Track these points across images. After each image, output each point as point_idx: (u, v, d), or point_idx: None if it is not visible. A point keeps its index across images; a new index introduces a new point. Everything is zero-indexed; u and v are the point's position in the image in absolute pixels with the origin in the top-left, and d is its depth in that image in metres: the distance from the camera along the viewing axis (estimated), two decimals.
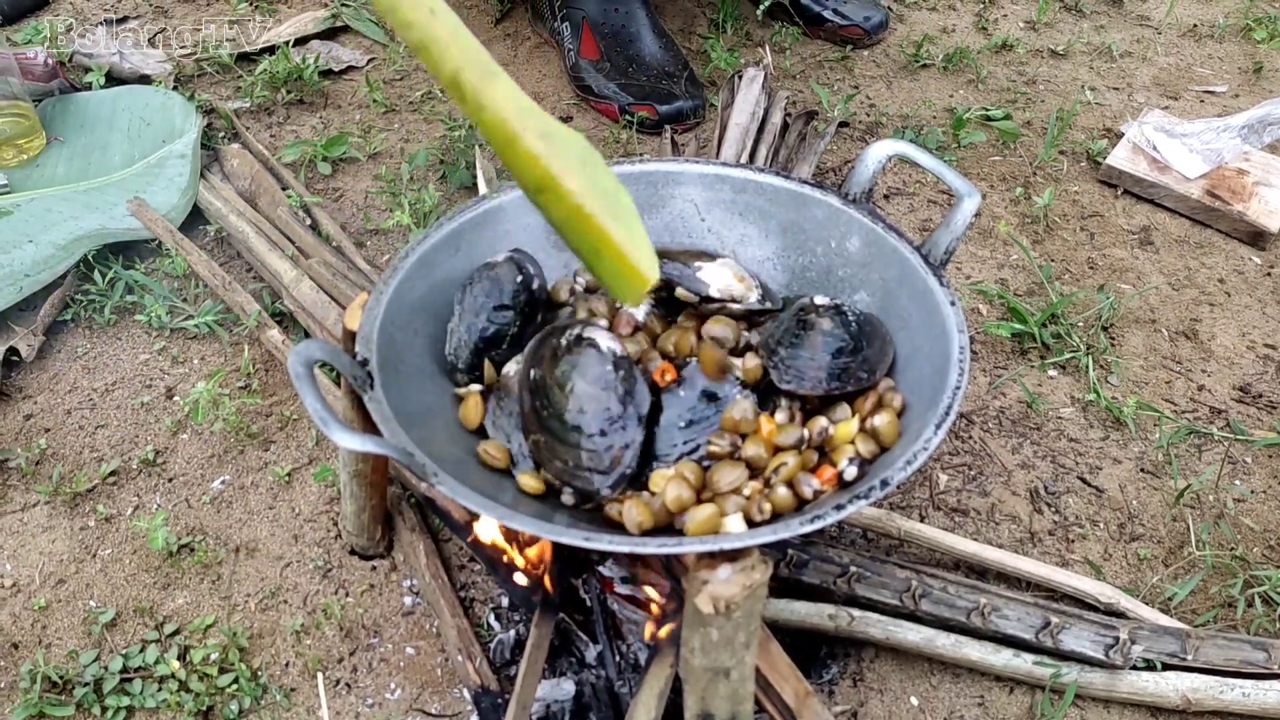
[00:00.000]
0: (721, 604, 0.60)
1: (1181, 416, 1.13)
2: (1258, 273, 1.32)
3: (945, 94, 1.61)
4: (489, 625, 0.94)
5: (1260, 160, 1.41)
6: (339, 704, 0.89)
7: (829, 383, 0.73)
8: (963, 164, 1.47)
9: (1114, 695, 0.88)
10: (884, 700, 0.90)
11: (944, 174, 0.81)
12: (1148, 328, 1.24)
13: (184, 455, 1.07)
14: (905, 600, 0.90)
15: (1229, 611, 0.95)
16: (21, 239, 1.24)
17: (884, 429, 0.71)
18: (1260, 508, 1.05)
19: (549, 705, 0.85)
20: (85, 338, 1.19)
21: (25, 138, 1.37)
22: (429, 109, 1.54)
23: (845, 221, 0.85)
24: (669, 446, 0.75)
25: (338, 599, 0.96)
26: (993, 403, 1.14)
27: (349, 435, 0.60)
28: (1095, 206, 1.41)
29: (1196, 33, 1.78)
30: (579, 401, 0.70)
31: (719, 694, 0.66)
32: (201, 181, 1.34)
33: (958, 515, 1.03)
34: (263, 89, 1.53)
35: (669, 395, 0.77)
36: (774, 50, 1.68)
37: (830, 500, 0.67)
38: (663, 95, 1.48)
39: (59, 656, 0.91)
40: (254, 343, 1.17)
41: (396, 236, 1.32)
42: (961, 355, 0.72)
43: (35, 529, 1.00)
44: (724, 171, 0.90)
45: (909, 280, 0.80)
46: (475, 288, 0.81)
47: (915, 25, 1.78)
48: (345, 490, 0.92)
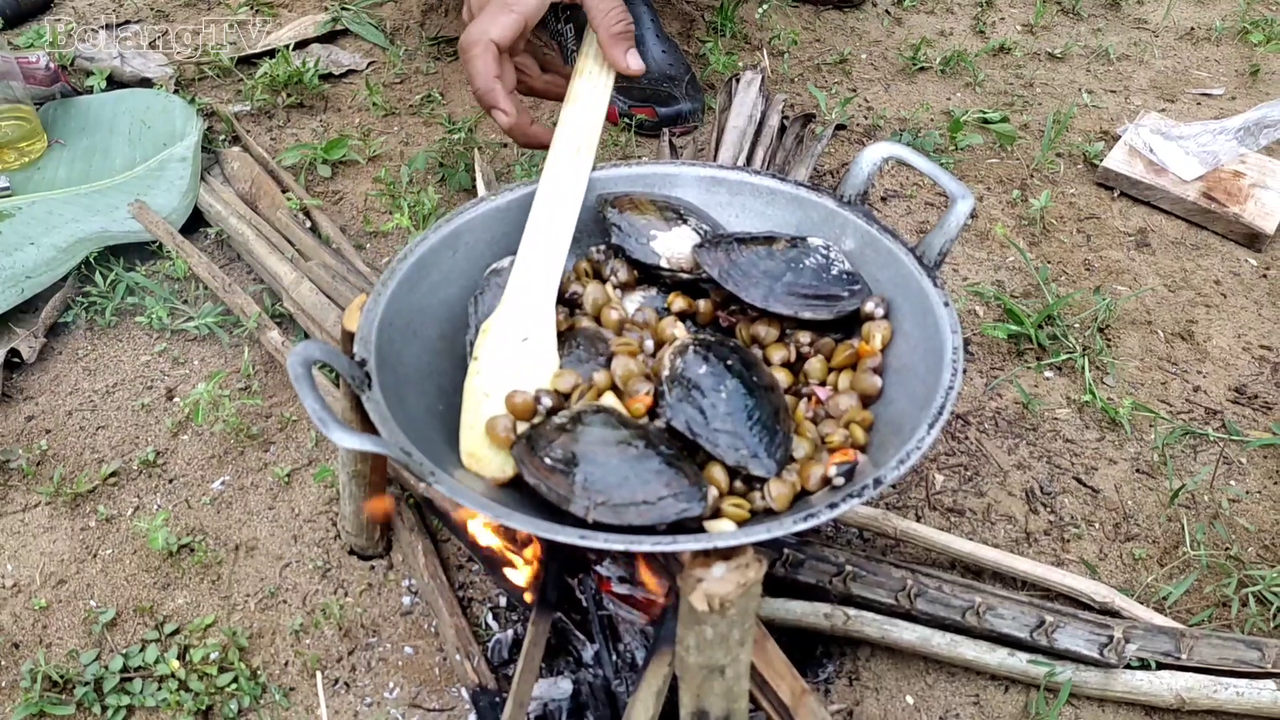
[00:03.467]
0: (716, 601, 0.60)
1: (1177, 417, 1.14)
2: (1253, 274, 1.33)
3: (943, 97, 1.61)
4: (487, 625, 0.94)
5: (1256, 162, 1.42)
6: (338, 703, 0.89)
7: (777, 297, 0.79)
8: (960, 167, 1.47)
9: (1108, 694, 0.89)
10: (879, 699, 0.90)
11: (938, 176, 0.81)
12: (1144, 329, 1.24)
13: (184, 456, 1.08)
14: (901, 599, 0.90)
15: (1223, 611, 0.96)
16: (23, 241, 1.24)
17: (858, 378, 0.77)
18: (1255, 508, 1.05)
19: (546, 704, 0.85)
20: (86, 339, 1.20)
21: (27, 140, 1.38)
22: (428, 112, 1.54)
23: (840, 223, 0.86)
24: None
25: (337, 599, 0.96)
26: (989, 404, 1.15)
27: (347, 435, 0.60)
28: (1092, 209, 1.41)
29: (1193, 35, 1.79)
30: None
31: (714, 691, 0.67)
32: (202, 184, 1.34)
33: (953, 515, 1.04)
34: (263, 92, 1.54)
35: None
36: (772, 54, 1.68)
37: (824, 499, 0.68)
38: (663, 98, 1.49)
39: (59, 656, 0.92)
40: (254, 344, 1.18)
41: (396, 239, 1.32)
42: (955, 355, 0.72)
43: (36, 529, 1.01)
44: (720, 174, 0.90)
45: (903, 281, 0.80)
46: (486, 295, 0.82)
47: (913, 28, 1.78)
48: (344, 491, 0.92)
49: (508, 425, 0.73)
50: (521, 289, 0.80)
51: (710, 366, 0.72)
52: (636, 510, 0.65)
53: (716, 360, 0.72)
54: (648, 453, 0.67)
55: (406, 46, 1.69)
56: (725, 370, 0.72)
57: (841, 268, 0.82)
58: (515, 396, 0.74)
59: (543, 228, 0.83)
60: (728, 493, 0.70)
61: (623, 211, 0.85)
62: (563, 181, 0.85)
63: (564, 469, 0.67)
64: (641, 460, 0.67)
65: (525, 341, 0.78)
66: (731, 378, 0.71)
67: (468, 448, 0.74)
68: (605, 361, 0.77)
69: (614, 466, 0.66)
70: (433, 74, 1.63)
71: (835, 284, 0.81)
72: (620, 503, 0.65)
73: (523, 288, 0.80)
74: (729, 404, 0.70)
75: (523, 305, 0.79)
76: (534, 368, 0.77)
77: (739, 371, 0.72)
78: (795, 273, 0.80)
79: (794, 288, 0.80)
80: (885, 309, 0.80)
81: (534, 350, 0.78)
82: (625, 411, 0.72)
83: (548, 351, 0.78)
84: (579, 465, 0.67)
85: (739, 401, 0.70)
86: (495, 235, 0.86)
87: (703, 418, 0.70)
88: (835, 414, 0.76)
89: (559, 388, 0.75)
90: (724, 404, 0.70)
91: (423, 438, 0.70)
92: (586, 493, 0.66)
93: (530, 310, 0.79)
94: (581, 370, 0.77)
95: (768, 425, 0.71)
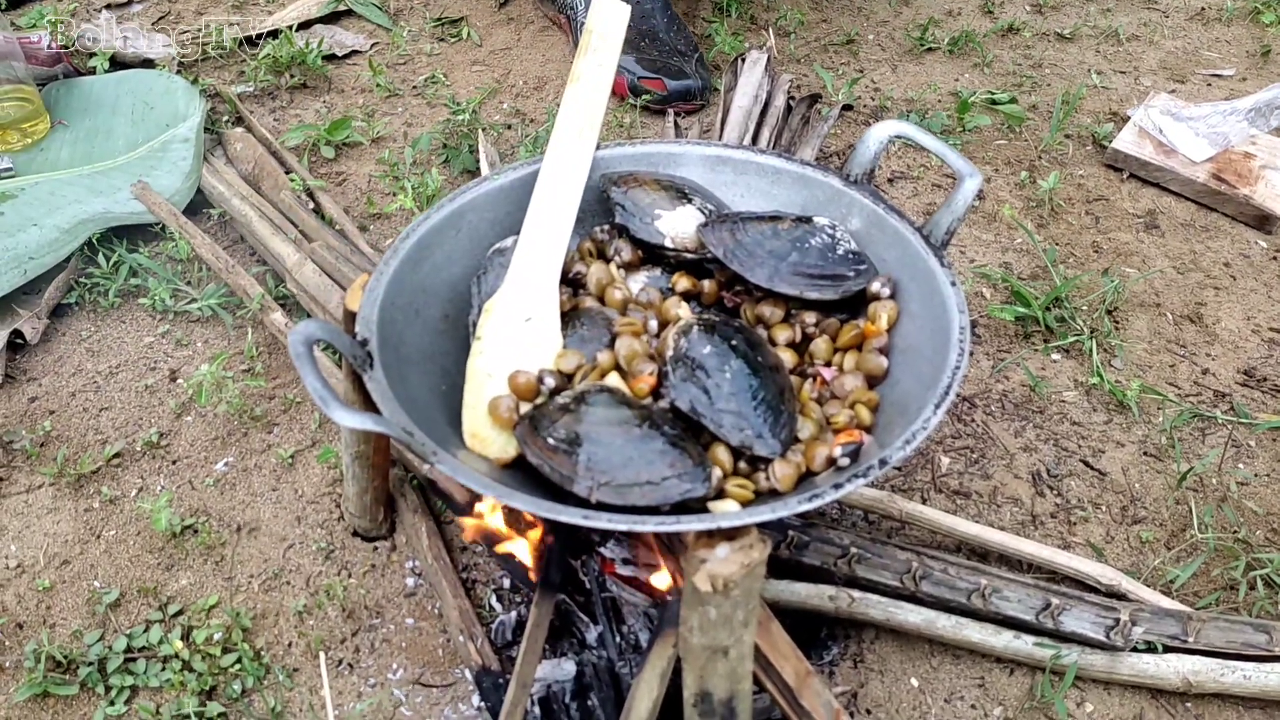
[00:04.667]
0: (719, 582, 0.60)
1: (1185, 400, 1.13)
2: (1263, 256, 1.31)
3: (951, 78, 1.60)
4: (490, 606, 0.94)
5: (1267, 144, 1.40)
6: (341, 684, 0.89)
7: (782, 277, 0.78)
8: (968, 148, 1.46)
9: (1114, 677, 0.88)
10: (884, 681, 0.90)
11: (945, 154, 0.81)
12: (1152, 311, 1.23)
13: (187, 437, 1.08)
14: (906, 582, 0.90)
15: (1230, 594, 0.95)
16: (26, 222, 1.24)
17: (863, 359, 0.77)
18: (1263, 491, 1.04)
19: (550, 685, 0.85)
20: (89, 321, 1.19)
21: (29, 121, 1.37)
22: (432, 93, 1.53)
23: (846, 202, 0.85)
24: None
25: (340, 580, 0.96)
26: (996, 386, 1.14)
27: (349, 414, 0.60)
28: (1100, 190, 1.40)
29: (1204, 16, 1.77)
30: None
31: (717, 672, 0.66)
32: (205, 165, 1.34)
33: (959, 498, 1.03)
34: (266, 73, 1.53)
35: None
36: (778, 34, 1.67)
37: (828, 479, 0.67)
38: (673, 71, 1.48)
39: (63, 636, 0.92)
40: (257, 326, 1.17)
41: (399, 220, 1.32)
42: (962, 336, 0.71)
43: (40, 510, 1.01)
44: (726, 153, 0.89)
45: (910, 261, 0.80)
46: (490, 274, 0.81)
47: (920, 8, 1.77)
48: (347, 472, 0.92)
49: (511, 405, 0.73)
50: (525, 268, 0.79)
51: (715, 347, 0.71)
52: (640, 491, 0.65)
53: (721, 340, 0.72)
54: (651, 433, 0.67)
55: (410, 27, 1.68)
56: (730, 350, 0.71)
57: (847, 247, 0.81)
58: (518, 376, 0.74)
59: (546, 207, 0.82)
60: (732, 473, 0.70)
61: (627, 191, 0.84)
62: (566, 160, 0.84)
63: (567, 449, 0.67)
64: (645, 440, 0.66)
65: (529, 321, 0.77)
66: (736, 358, 0.71)
67: (470, 428, 0.73)
68: (609, 341, 0.77)
69: (618, 447, 0.66)
70: (436, 55, 1.62)
71: (841, 264, 0.80)
72: (624, 483, 0.65)
73: (526, 267, 0.79)
74: (733, 384, 0.70)
75: (526, 285, 0.79)
76: (537, 347, 0.76)
77: (744, 352, 0.71)
78: (801, 252, 0.80)
79: (799, 268, 0.79)
80: (891, 289, 0.80)
81: (537, 330, 0.77)
82: (629, 392, 0.72)
83: (551, 331, 0.78)
84: (582, 445, 0.66)
85: (743, 382, 0.70)
86: (498, 215, 0.85)
87: (707, 398, 0.69)
88: (840, 394, 0.76)
89: (562, 368, 0.75)
90: (728, 384, 0.70)
91: (425, 418, 0.70)
92: (590, 473, 0.65)
93: (534, 290, 0.79)
94: (585, 350, 0.76)
95: (772, 406, 0.70)
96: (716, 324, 0.74)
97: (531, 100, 1.53)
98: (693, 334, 0.72)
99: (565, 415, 0.69)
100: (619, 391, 0.71)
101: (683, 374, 0.70)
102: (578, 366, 0.75)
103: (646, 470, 0.65)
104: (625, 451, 0.66)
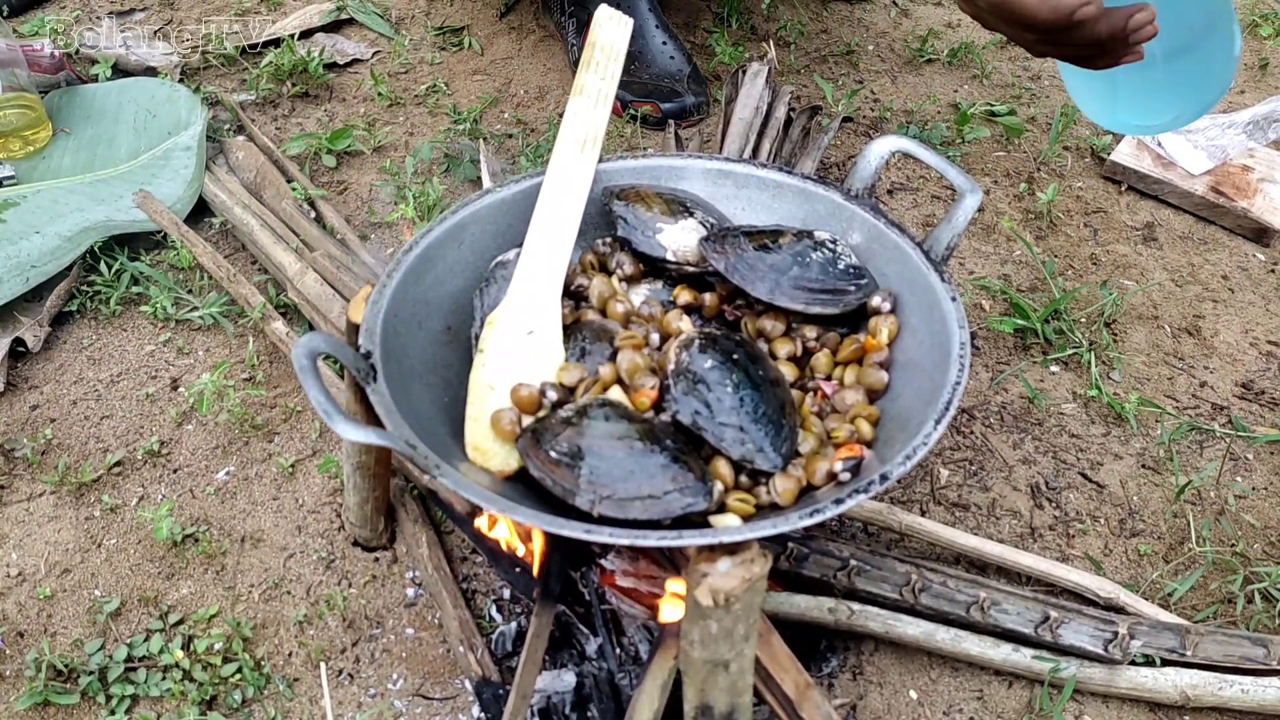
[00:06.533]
0: (721, 597, 0.60)
1: (1183, 413, 1.13)
2: (1261, 269, 1.32)
3: (950, 89, 1.61)
4: (490, 617, 0.94)
5: (1265, 157, 1.41)
6: (341, 694, 0.89)
7: (783, 291, 0.79)
8: (967, 160, 1.47)
9: (1113, 690, 0.88)
10: (883, 693, 0.90)
11: (946, 170, 0.81)
12: (1150, 324, 1.24)
13: (188, 446, 1.08)
14: (905, 594, 0.90)
15: (1229, 608, 0.96)
16: (28, 230, 1.24)
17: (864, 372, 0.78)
18: (1261, 504, 1.05)
19: (550, 697, 0.85)
20: (91, 329, 1.19)
21: (32, 129, 1.37)
22: (433, 102, 1.54)
23: (847, 217, 0.85)
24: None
25: (340, 590, 0.96)
26: (994, 398, 1.14)
27: (352, 427, 0.60)
28: (1099, 202, 1.41)
29: None
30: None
31: (718, 686, 0.66)
32: (207, 174, 1.34)
33: (958, 510, 1.03)
34: (268, 82, 1.53)
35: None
36: (778, 45, 1.68)
37: (829, 494, 0.67)
38: (665, 93, 1.48)
39: (64, 645, 0.92)
40: (258, 335, 1.18)
41: (401, 230, 1.32)
42: (962, 351, 0.72)
43: (41, 519, 1.01)
44: (727, 166, 0.90)
45: (910, 276, 0.80)
46: (492, 287, 0.81)
47: (920, 20, 1.77)
48: (348, 482, 0.92)
49: (513, 418, 0.73)
50: (527, 282, 0.80)
51: (716, 360, 0.71)
52: (642, 504, 0.65)
53: (722, 354, 0.72)
54: (653, 447, 0.67)
55: (412, 36, 1.68)
56: (731, 364, 0.71)
57: (848, 262, 0.82)
58: (520, 389, 0.74)
59: (548, 220, 0.83)
60: (733, 487, 0.70)
61: (629, 204, 0.85)
62: (569, 173, 0.84)
63: (569, 462, 0.67)
64: (647, 454, 0.67)
65: (531, 334, 0.78)
66: (737, 372, 0.71)
67: (473, 441, 0.74)
68: (611, 355, 0.77)
69: (619, 460, 0.66)
70: (438, 64, 1.63)
71: (842, 278, 0.80)
72: (625, 497, 0.65)
73: (528, 280, 0.80)
74: (735, 398, 0.70)
75: (528, 298, 0.79)
76: (539, 361, 0.77)
77: (745, 366, 0.72)
78: (802, 267, 0.80)
79: (800, 282, 0.79)
80: (892, 303, 0.80)
81: (539, 343, 0.77)
82: (631, 405, 0.72)
83: (553, 344, 0.78)
84: (584, 459, 0.67)
85: (745, 396, 0.70)
86: (501, 227, 0.86)
87: (708, 412, 0.70)
88: (841, 409, 0.76)
89: (564, 381, 0.75)
90: (730, 398, 0.70)
91: (428, 430, 0.70)
92: (592, 486, 0.66)
93: (536, 303, 0.79)
94: (587, 363, 0.77)
95: (773, 420, 0.70)
96: (718, 338, 0.74)
97: (533, 109, 1.53)
98: (694, 348, 0.73)
99: (567, 428, 0.69)
100: (621, 405, 0.71)
101: (684, 387, 0.71)
102: (580, 380, 0.75)
103: (648, 484, 0.66)
104: (627, 465, 0.66)
